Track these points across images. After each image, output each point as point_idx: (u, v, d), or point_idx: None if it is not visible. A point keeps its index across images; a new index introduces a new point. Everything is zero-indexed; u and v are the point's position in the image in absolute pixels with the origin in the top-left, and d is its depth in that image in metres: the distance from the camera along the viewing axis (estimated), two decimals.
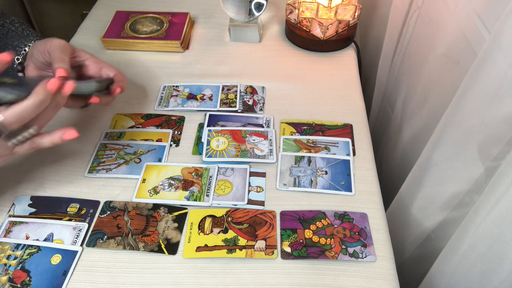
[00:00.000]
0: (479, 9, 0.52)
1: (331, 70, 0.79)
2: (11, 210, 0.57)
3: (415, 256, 0.73)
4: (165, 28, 0.83)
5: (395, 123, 0.88)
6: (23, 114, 0.44)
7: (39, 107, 0.45)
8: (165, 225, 0.55)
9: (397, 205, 0.72)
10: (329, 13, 0.79)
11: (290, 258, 0.52)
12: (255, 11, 0.80)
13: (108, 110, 0.71)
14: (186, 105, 0.71)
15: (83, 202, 0.58)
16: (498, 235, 0.45)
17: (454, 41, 0.59)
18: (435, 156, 0.57)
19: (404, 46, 0.80)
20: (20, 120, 0.44)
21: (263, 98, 0.73)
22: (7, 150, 0.47)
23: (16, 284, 0.49)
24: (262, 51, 0.83)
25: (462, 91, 0.49)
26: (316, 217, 0.56)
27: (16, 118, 0.44)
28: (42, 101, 0.45)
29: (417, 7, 0.72)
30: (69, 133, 0.49)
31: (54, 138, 0.49)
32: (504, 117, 0.45)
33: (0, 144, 0.46)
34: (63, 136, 0.49)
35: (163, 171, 0.61)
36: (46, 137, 0.49)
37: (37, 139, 0.48)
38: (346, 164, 0.62)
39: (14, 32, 0.62)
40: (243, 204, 0.57)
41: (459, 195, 0.58)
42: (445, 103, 0.54)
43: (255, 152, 0.64)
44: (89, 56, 0.59)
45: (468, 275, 0.52)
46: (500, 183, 0.43)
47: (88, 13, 0.93)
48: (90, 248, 0.53)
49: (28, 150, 0.49)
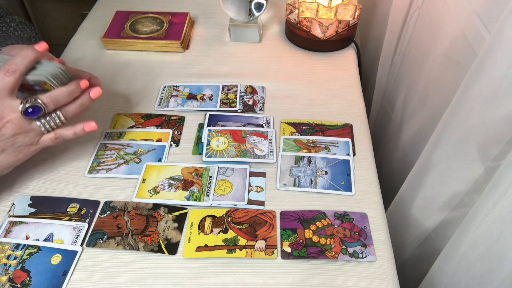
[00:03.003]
0: (479, 9, 0.52)
1: (331, 70, 0.79)
2: (11, 210, 0.57)
3: (415, 256, 0.73)
4: (165, 28, 0.83)
5: (395, 123, 0.88)
6: (58, 96, 0.51)
7: (71, 94, 0.52)
8: (165, 225, 0.55)
9: (397, 205, 0.72)
10: (329, 13, 0.79)
11: (290, 258, 0.52)
12: (255, 11, 0.80)
13: (108, 110, 0.71)
14: (186, 105, 0.71)
15: (83, 202, 0.58)
16: (498, 235, 0.45)
17: (454, 41, 0.59)
18: (435, 156, 0.57)
19: (404, 46, 0.80)
20: (55, 101, 0.51)
21: (263, 98, 0.73)
22: (37, 136, 0.52)
23: (16, 284, 0.49)
24: (262, 51, 0.83)
25: (462, 91, 0.49)
26: (316, 217, 0.56)
27: (52, 99, 0.51)
28: (73, 90, 0.53)
29: (417, 7, 0.72)
30: (88, 125, 0.55)
31: (76, 129, 0.54)
32: (504, 117, 0.45)
33: (33, 128, 0.51)
34: (84, 127, 0.55)
35: (163, 171, 0.61)
36: (69, 129, 0.54)
37: (61, 131, 0.54)
38: (346, 164, 0.62)
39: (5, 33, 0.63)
40: (243, 204, 0.57)
41: (459, 195, 0.58)
42: (445, 103, 0.54)
43: (255, 152, 0.64)
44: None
45: (468, 275, 0.52)
46: (500, 183, 0.43)
47: (88, 13, 0.93)
48: (90, 248, 0.53)
49: (52, 141, 0.53)
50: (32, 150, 0.53)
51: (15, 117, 0.49)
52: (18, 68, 0.48)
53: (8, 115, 0.49)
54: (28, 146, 0.52)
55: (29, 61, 0.49)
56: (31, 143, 0.52)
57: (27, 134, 0.51)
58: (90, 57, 0.81)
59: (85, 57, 0.81)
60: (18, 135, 0.50)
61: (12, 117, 0.49)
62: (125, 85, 0.76)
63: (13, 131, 0.49)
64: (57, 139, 0.54)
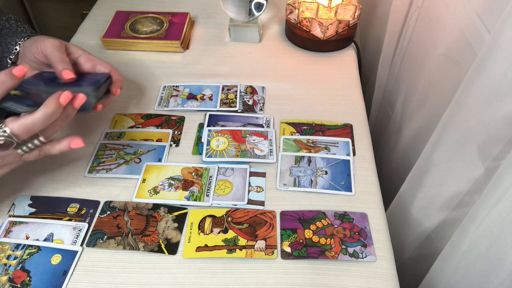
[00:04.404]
0: (479, 9, 0.52)
1: (331, 70, 0.79)
2: (11, 210, 0.57)
3: (415, 256, 0.73)
4: (165, 28, 0.83)
5: (395, 123, 0.88)
6: (32, 126, 0.45)
7: (49, 119, 0.46)
8: (165, 225, 0.55)
9: (397, 205, 0.72)
10: (329, 13, 0.79)
11: (290, 258, 0.52)
12: (255, 11, 0.80)
13: (108, 110, 0.71)
14: (186, 105, 0.71)
15: (83, 202, 0.58)
16: (498, 235, 0.45)
17: (454, 41, 0.59)
18: (435, 156, 0.57)
19: (404, 46, 0.80)
20: (29, 132, 0.45)
21: (263, 98, 0.73)
22: (17, 157, 0.48)
23: (16, 284, 0.49)
24: (262, 51, 0.83)
25: (462, 91, 0.49)
26: (316, 217, 0.56)
27: (25, 130, 0.45)
28: (53, 113, 0.46)
29: (417, 7, 0.72)
30: (75, 142, 0.50)
31: (62, 146, 0.50)
32: (504, 117, 0.45)
33: (10, 153, 0.47)
34: (71, 144, 0.50)
35: (163, 171, 0.61)
36: (54, 145, 0.50)
37: (45, 147, 0.49)
38: (346, 164, 0.62)
39: (8, 29, 0.62)
40: (243, 204, 0.57)
41: (459, 195, 0.58)
42: (445, 103, 0.54)
43: (255, 152, 0.64)
44: (82, 52, 0.58)
45: (468, 275, 0.52)
46: (500, 183, 0.43)
47: (88, 13, 0.93)
48: (90, 248, 0.53)
49: (36, 157, 0.50)
50: (14, 165, 0.50)
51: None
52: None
53: None
54: (10, 164, 0.49)
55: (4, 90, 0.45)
56: (13, 162, 0.49)
57: (5, 158, 0.47)
58: None
59: None
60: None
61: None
62: (125, 85, 0.76)
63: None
64: (41, 155, 0.50)
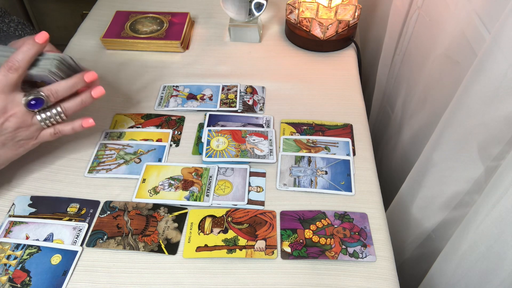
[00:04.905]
0: (479, 9, 0.52)
1: (331, 70, 0.79)
2: (11, 210, 0.57)
3: (415, 256, 0.73)
4: (165, 28, 0.83)
5: (395, 123, 0.88)
6: (58, 90, 0.52)
7: (71, 88, 0.53)
8: (165, 225, 0.55)
9: (397, 205, 0.72)
10: (329, 13, 0.79)
11: (290, 258, 0.52)
12: (255, 11, 0.80)
13: (108, 110, 0.71)
14: (186, 105, 0.71)
15: (83, 202, 0.58)
16: (498, 235, 0.45)
17: (454, 41, 0.59)
18: (435, 156, 0.57)
19: (404, 46, 0.80)
20: (55, 95, 0.52)
21: (263, 98, 0.73)
22: (37, 131, 0.53)
23: (16, 284, 0.49)
24: (262, 51, 0.83)
25: (462, 91, 0.49)
26: (316, 217, 0.56)
27: (53, 92, 0.52)
28: (74, 84, 0.54)
29: (417, 7, 0.72)
30: (86, 121, 0.57)
31: (75, 125, 0.56)
32: (504, 117, 0.45)
33: (34, 123, 0.52)
34: (83, 123, 0.56)
35: (163, 171, 0.61)
36: (68, 125, 0.56)
37: (60, 126, 0.55)
38: (346, 164, 0.62)
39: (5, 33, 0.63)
40: (243, 204, 0.57)
41: (459, 195, 0.58)
42: (445, 103, 0.54)
43: (255, 152, 0.64)
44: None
45: (468, 275, 0.52)
46: (500, 183, 0.43)
47: (88, 13, 0.93)
48: (90, 248, 0.53)
49: (51, 136, 0.55)
50: (31, 144, 0.54)
51: (19, 111, 0.50)
52: (20, 65, 0.49)
53: (11, 109, 0.50)
54: (28, 141, 0.53)
55: (30, 56, 0.50)
56: (31, 137, 0.53)
57: (28, 129, 0.52)
58: (90, 57, 0.81)
59: (85, 57, 0.81)
60: (20, 129, 0.51)
61: (15, 111, 0.50)
62: (125, 85, 0.76)
63: (15, 124, 0.51)
64: (56, 134, 0.55)
